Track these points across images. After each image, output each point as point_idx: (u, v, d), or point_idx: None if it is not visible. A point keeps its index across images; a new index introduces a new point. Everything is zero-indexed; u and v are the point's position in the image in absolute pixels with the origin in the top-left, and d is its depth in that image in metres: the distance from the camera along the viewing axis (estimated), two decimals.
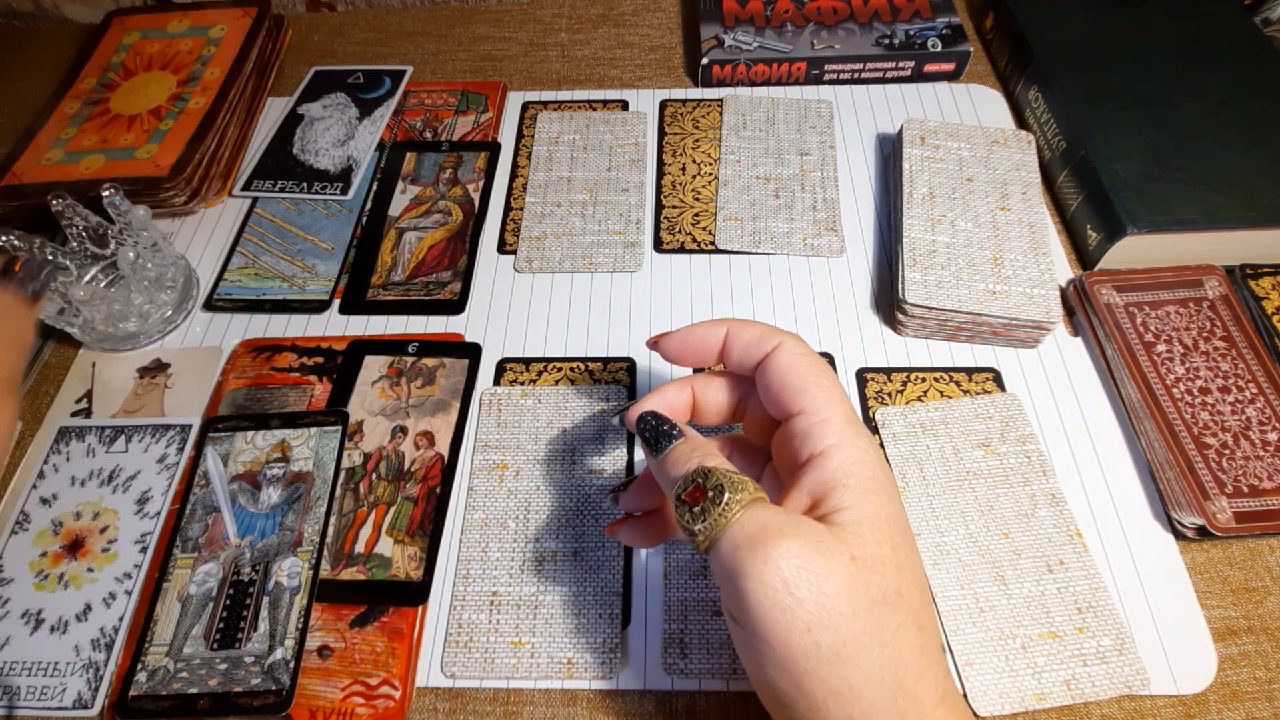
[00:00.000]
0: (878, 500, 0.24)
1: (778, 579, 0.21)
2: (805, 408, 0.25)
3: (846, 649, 0.21)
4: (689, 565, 0.35)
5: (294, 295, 0.45)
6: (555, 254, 0.46)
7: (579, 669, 0.33)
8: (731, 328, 0.28)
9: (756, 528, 0.22)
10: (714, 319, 0.29)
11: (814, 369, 0.26)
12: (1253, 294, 0.41)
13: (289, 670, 0.32)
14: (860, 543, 0.23)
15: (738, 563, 0.22)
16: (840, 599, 0.21)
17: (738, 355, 0.28)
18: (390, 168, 0.51)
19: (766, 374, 0.27)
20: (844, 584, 0.21)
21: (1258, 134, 0.44)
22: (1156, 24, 0.50)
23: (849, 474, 0.24)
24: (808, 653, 0.21)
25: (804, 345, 0.27)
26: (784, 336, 0.27)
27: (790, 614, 0.21)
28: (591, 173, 0.50)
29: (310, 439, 0.39)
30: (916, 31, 0.53)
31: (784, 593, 0.21)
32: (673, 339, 0.29)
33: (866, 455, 0.24)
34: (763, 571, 0.21)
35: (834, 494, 0.24)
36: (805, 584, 0.21)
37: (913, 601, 0.23)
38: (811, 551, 0.22)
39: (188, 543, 0.36)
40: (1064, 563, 0.34)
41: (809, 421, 0.25)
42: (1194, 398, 0.37)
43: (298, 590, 0.34)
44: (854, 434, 0.25)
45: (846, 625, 0.21)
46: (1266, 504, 0.34)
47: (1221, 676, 0.32)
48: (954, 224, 0.43)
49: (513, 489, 0.37)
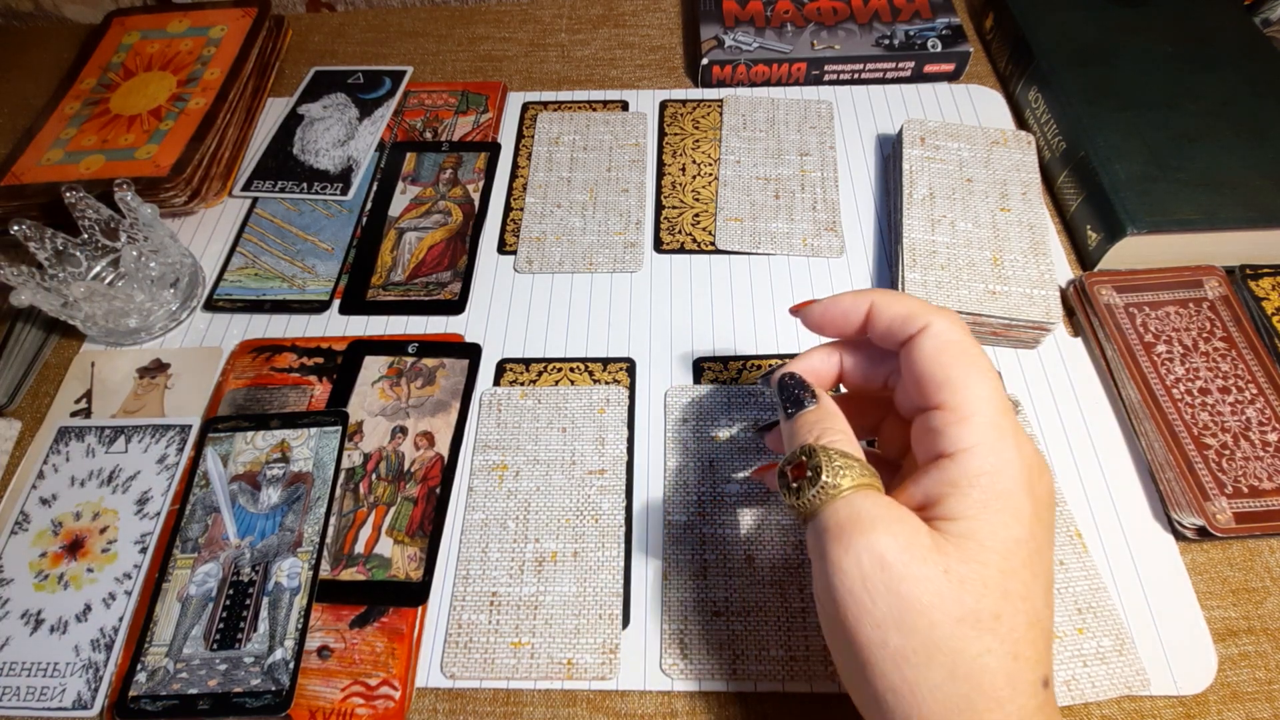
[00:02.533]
0: (1001, 519, 0.22)
1: (856, 570, 0.21)
2: (944, 402, 0.23)
3: (915, 656, 0.21)
4: (689, 565, 0.35)
5: (294, 296, 0.45)
6: (555, 254, 0.46)
7: (579, 669, 0.33)
8: (876, 301, 0.26)
9: (849, 515, 0.22)
10: (860, 289, 0.27)
11: (962, 358, 0.24)
12: (1253, 294, 0.41)
13: (289, 671, 0.32)
14: (963, 558, 0.21)
15: (821, 545, 0.22)
16: (916, 608, 0.21)
17: (881, 332, 0.26)
18: (390, 168, 0.51)
19: (909, 358, 0.25)
20: (927, 594, 0.21)
21: (1258, 134, 0.44)
22: (1156, 24, 0.50)
23: (974, 483, 0.22)
24: (874, 647, 0.21)
25: (956, 327, 0.25)
26: (932, 316, 0.25)
27: (862, 607, 0.21)
28: (591, 173, 0.50)
29: (310, 439, 0.39)
30: (916, 32, 0.53)
31: (859, 585, 0.21)
32: (814, 309, 0.28)
33: (1005, 466, 0.22)
34: (843, 560, 0.21)
35: (951, 500, 0.22)
36: (882, 582, 0.21)
37: (1014, 631, 0.21)
38: (900, 553, 0.21)
39: (187, 543, 0.36)
40: (1064, 563, 0.34)
41: (946, 419, 0.23)
42: (1194, 398, 0.37)
43: (298, 590, 0.34)
44: (995, 439, 0.23)
45: (918, 634, 0.21)
46: (1266, 504, 0.34)
47: (1221, 677, 0.32)
48: (954, 224, 0.43)
49: (513, 489, 0.37)
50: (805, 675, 0.32)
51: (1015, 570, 0.22)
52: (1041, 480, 0.23)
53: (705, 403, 0.40)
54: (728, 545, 0.35)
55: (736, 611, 0.33)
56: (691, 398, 0.40)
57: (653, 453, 0.39)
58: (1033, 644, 0.21)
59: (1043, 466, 0.24)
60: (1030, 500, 0.22)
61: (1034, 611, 0.22)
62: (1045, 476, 0.24)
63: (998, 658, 0.21)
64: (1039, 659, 0.22)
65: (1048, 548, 0.23)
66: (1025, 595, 0.22)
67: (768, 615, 0.33)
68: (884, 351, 0.28)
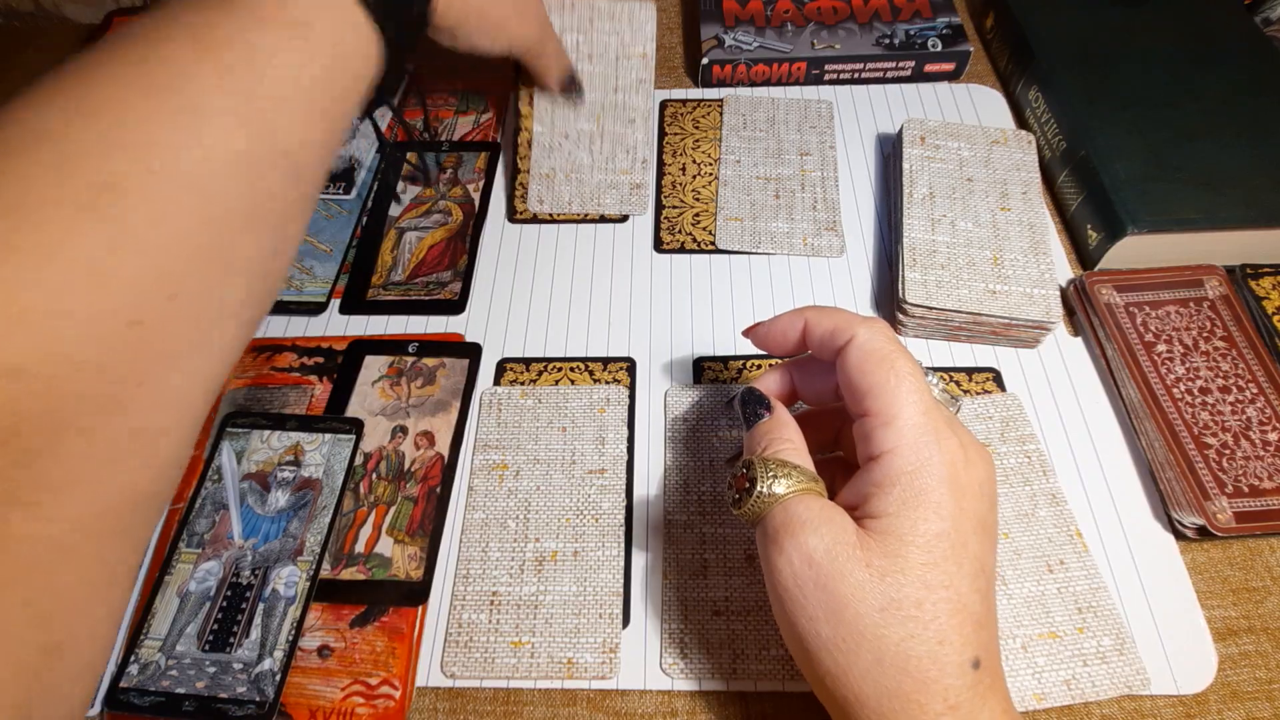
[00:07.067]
0: (920, 514, 0.23)
1: (789, 570, 0.24)
2: (869, 409, 0.25)
3: (844, 643, 0.23)
4: (689, 565, 0.35)
5: (291, 296, 0.45)
6: (565, 193, 0.47)
7: (579, 669, 0.33)
8: (809, 318, 0.28)
9: (783, 519, 0.24)
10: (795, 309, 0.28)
11: (881, 365, 0.25)
12: (1253, 294, 0.41)
13: (274, 683, 0.32)
14: (885, 552, 0.23)
15: (762, 548, 0.25)
16: (841, 600, 0.23)
17: (816, 347, 0.28)
18: (390, 168, 0.51)
19: (840, 369, 0.26)
20: (850, 587, 0.23)
21: (1258, 134, 0.44)
22: (1156, 24, 0.50)
23: (895, 482, 0.24)
24: (809, 637, 0.24)
25: (879, 335, 0.26)
26: (858, 327, 0.26)
27: (796, 603, 0.24)
28: (597, 93, 0.48)
29: (324, 445, 0.39)
30: (917, 31, 0.53)
31: (793, 582, 0.24)
32: (758, 330, 0.30)
33: (925, 464, 0.24)
34: (778, 560, 0.24)
35: (875, 499, 0.24)
36: (811, 579, 0.23)
37: (938, 618, 0.23)
38: (826, 551, 0.23)
39: (193, 537, 0.36)
40: (1064, 563, 0.34)
41: (873, 424, 0.25)
42: (1194, 398, 0.37)
43: (293, 600, 0.34)
44: (915, 438, 0.24)
45: (844, 624, 0.23)
46: (1266, 504, 0.34)
47: (1222, 676, 0.32)
48: (954, 224, 0.43)
49: (513, 489, 0.37)
50: None
51: (936, 562, 0.23)
52: (969, 471, 0.24)
53: (705, 403, 0.40)
54: (728, 545, 0.35)
55: (736, 611, 0.33)
56: (691, 398, 0.40)
57: (653, 452, 0.39)
58: (958, 629, 0.23)
59: (970, 459, 0.24)
60: (952, 494, 0.23)
61: (958, 599, 0.23)
62: (975, 468, 0.24)
63: (921, 642, 0.22)
64: (965, 642, 0.23)
65: (976, 536, 0.24)
66: (947, 584, 0.23)
67: (768, 615, 0.33)
68: (828, 365, 0.29)
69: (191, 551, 0.36)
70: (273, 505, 0.37)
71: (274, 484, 0.38)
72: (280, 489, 0.37)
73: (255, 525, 0.36)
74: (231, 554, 0.36)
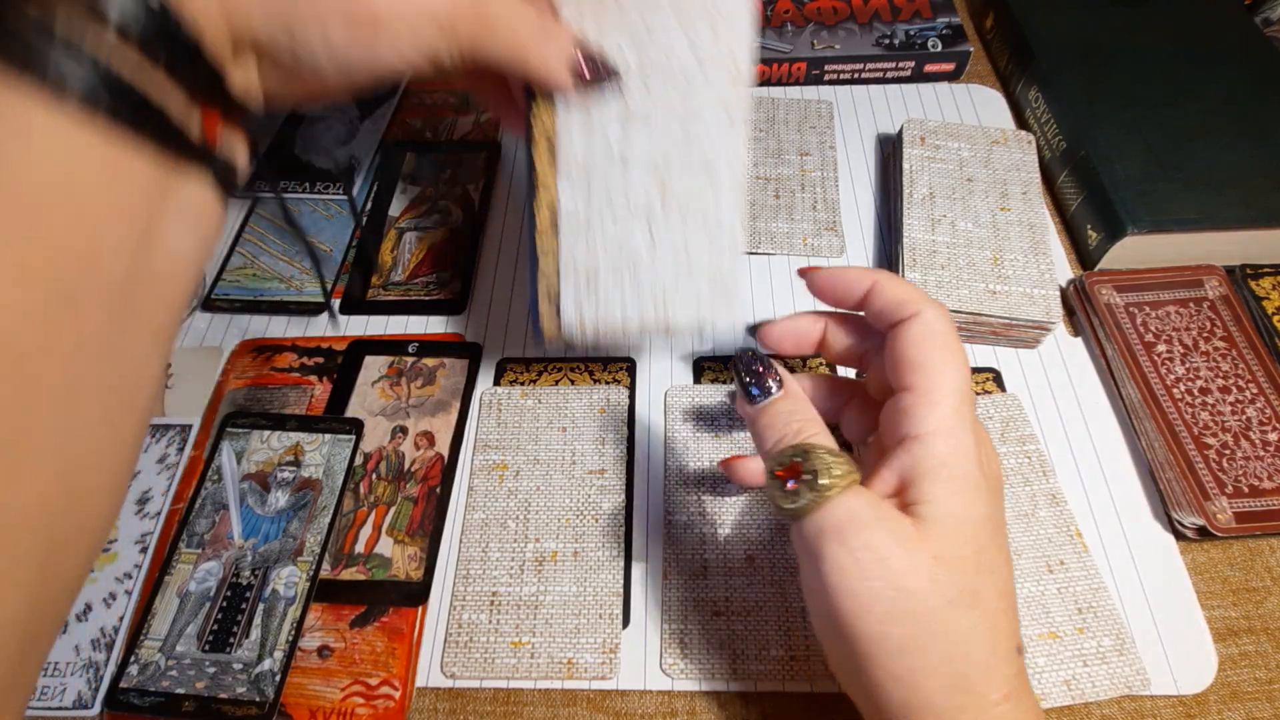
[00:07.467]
0: (968, 499, 0.23)
1: (857, 570, 0.22)
2: (915, 385, 0.25)
3: (914, 643, 0.22)
4: (689, 565, 0.35)
5: (291, 297, 0.45)
6: (615, 302, 0.31)
7: (579, 669, 0.33)
8: (879, 281, 0.27)
9: (845, 515, 0.23)
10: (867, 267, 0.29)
11: (941, 348, 0.25)
12: (1253, 294, 0.41)
13: (274, 683, 0.32)
14: (944, 541, 0.23)
15: (820, 546, 0.23)
16: (916, 597, 0.22)
17: (877, 311, 0.27)
18: (390, 168, 0.51)
19: (896, 339, 0.26)
20: (923, 583, 0.22)
21: (1258, 134, 0.44)
22: (1156, 24, 0.50)
23: (942, 465, 0.23)
24: (875, 640, 0.22)
25: (944, 319, 0.26)
26: (926, 305, 0.26)
27: (864, 605, 0.22)
28: (656, 135, 0.30)
29: (324, 445, 0.39)
30: (916, 31, 0.53)
31: (861, 583, 0.22)
32: (821, 273, 0.29)
33: (964, 449, 0.24)
34: (845, 561, 0.22)
35: (922, 484, 0.23)
36: (881, 577, 0.22)
37: (990, 603, 0.23)
38: (895, 548, 0.22)
39: (193, 537, 0.36)
40: (1064, 563, 0.34)
41: (915, 400, 0.24)
42: (1194, 398, 0.37)
43: (293, 601, 0.34)
44: (955, 424, 0.24)
45: (918, 623, 0.22)
46: (1266, 504, 0.34)
47: (1222, 677, 0.32)
48: (954, 224, 0.43)
49: (513, 489, 0.37)
50: (805, 675, 0.32)
51: (985, 546, 0.23)
52: (991, 463, 0.25)
53: (705, 403, 0.40)
54: (728, 545, 0.35)
55: (736, 611, 0.33)
56: (691, 398, 0.40)
57: (653, 453, 0.39)
58: (1005, 613, 0.23)
59: (992, 453, 0.26)
60: (986, 481, 0.24)
61: (1003, 584, 0.23)
62: (995, 460, 0.26)
63: (982, 631, 0.22)
64: (1013, 628, 0.23)
65: (1004, 524, 0.25)
66: (994, 569, 0.23)
67: (768, 615, 0.33)
68: (869, 329, 0.29)
69: (191, 552, 0.36)
70: (273, 505, 0.37)
71: (274, 484, 0.38)
72: (280, 489, 0.37)
73: (255, 525, 0.36)
74: (231, 554, 0.36)
